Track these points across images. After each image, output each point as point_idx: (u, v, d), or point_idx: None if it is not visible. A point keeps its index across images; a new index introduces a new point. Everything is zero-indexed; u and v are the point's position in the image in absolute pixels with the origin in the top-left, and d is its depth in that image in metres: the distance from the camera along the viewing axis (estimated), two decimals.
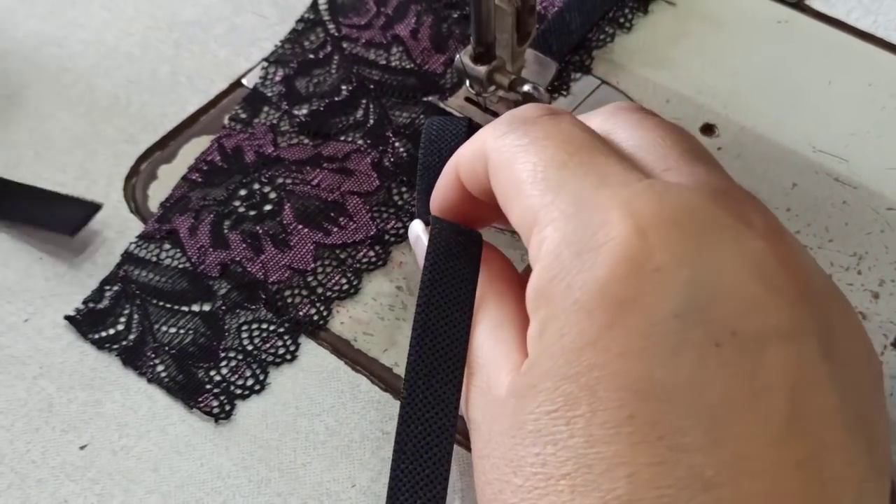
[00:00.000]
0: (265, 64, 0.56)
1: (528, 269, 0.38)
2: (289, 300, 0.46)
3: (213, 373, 0.44)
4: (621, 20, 0.58)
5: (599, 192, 0.31)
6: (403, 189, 0.50)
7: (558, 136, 0.34)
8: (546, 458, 0.29)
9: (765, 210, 0.32)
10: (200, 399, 0.43)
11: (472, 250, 0.38)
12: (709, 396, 0.28)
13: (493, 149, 0.35)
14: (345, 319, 0.46)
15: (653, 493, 0.27)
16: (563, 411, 0.29)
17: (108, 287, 0.46)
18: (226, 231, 0.48)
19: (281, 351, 0.45)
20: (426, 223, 0.41)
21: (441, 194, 0.40)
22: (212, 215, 0.49)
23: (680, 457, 0.27)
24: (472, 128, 0.49)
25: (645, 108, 0.38)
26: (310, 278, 0.47)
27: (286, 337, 0.45)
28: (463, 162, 0.38)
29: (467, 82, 0.51)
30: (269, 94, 0.54)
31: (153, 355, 0.44)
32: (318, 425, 0.43)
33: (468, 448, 0.41)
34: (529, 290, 0.32)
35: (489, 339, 0.35)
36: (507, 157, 0.34)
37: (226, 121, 0.53)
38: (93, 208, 0.49)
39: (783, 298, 0.29)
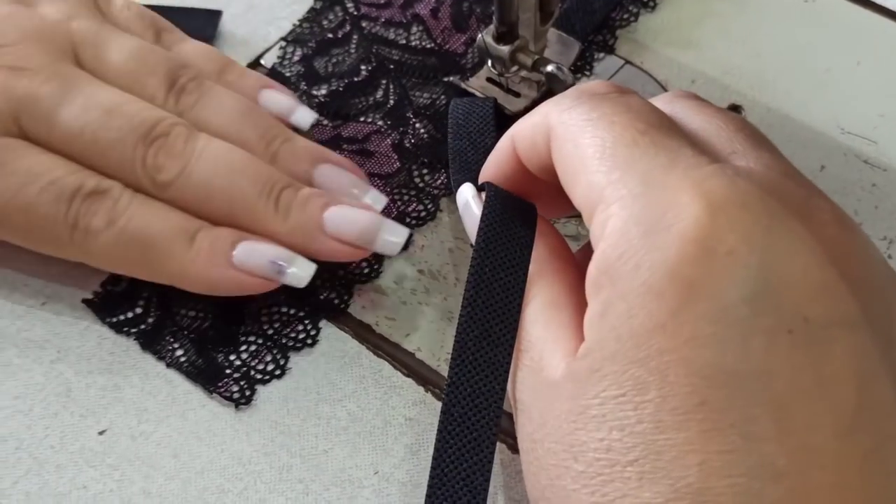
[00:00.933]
0: (283, 44, 0.55)
1: (583, 251, 0.37)
2: (309, 284, 0.45)
3: (233, 357, 0.43)
4: None
5: (669, 173, 0.31)
6: (424, 171, 0.49)
7: (628, 112, 0.33)
8: (611, 443, 0.29)
9: (829, 198, 0.32)
10: (220, 384, 0.43)
11: (529, 217, 0.38)
12: (778, 384, 0.28)
13: (558, 122, 0.34)
14: (366, 303, 0.45)
15: (724, 482, 0.27)
16: (630, 396, 0.29)
17: None
18: None
19: (301, 335, 0.44)
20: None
21: (494, 167, 0.39)
22: None
23: (751, 445, 0.27)
24: (497, 108, 0.49)
25: (699, 96, 0.38)
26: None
27: (307, 321, 0.44)
28: (522, 134, 0.37)
29: (489, 62, 0.50)
30: (288, 74, 0.54)
31: (172, 339, 0.44)
32: (340, 411, 0.42)
33: (504, 442, 0.41)
34: (592, 268, 0.31)
35: (541, 317, 0.35)
36: (573, 130, 0.34)
37: None
38: (217, 15, 0.54)
39: (851, 287, 0.29)
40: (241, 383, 0.43)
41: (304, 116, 0.48)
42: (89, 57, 0.45)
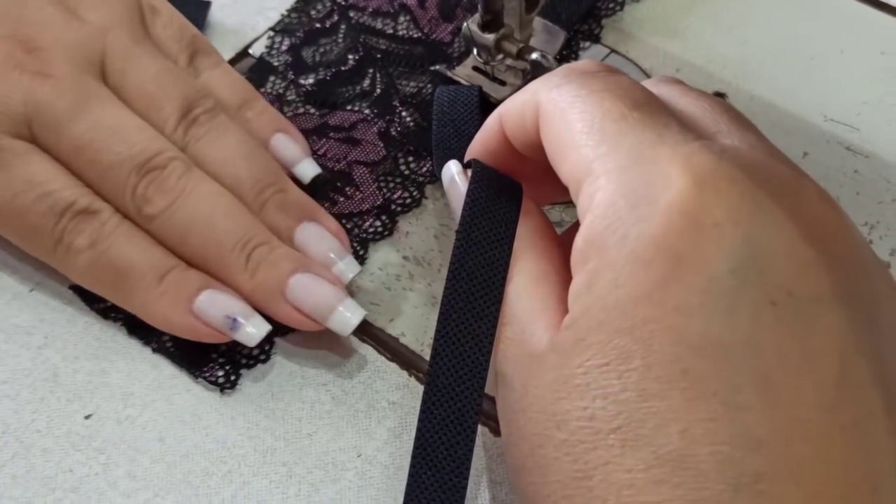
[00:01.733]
0: (272, 33, 0.56)
1: (567, 233, 0.37)
2: None
3: None
4: None
5: (657, 148, 0.31)
6: (410, 159, 0.50)
7: (617, 90, 0.34)
8: (595, 411, 0.29)
9: (813, 180, 0.33)
10: (206, 369, 0.43)
11: (514, 194, 0.38)
12: (763, 356, 0.28)
13: (546, 99, 0.35)
14: (351, 290, 0.46)
15: (706, 450, 0.27)
16: (615, 365, 0.29)
17: None
18: None
19: None
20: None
21: (481, 145, 0.39)
22: None
23: (733, 414, 0.27)
24: (483, 96, 0.49)
25: (683, 82, 0.38)
26: None
27: None
28: (510, 112, 0.37)
29: (475, 51, 0.50)
30: (276, 64, 0.54)
31: None
32: (324, 395, 0.43)
33: (486, 425, 0.42)
34: (579, 240, 0.31)
35: (525, 291, 0.35)
36: (562, 106, 0.34)
37: None
38: (206, 5, 0.55)
39: (837, 264, 0.29)
40: (227, 368, 0.43)
41: (307, 170, 0.48)
42: (114, 72, 0.45)
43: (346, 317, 0.42)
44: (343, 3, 0.56)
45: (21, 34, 0.44)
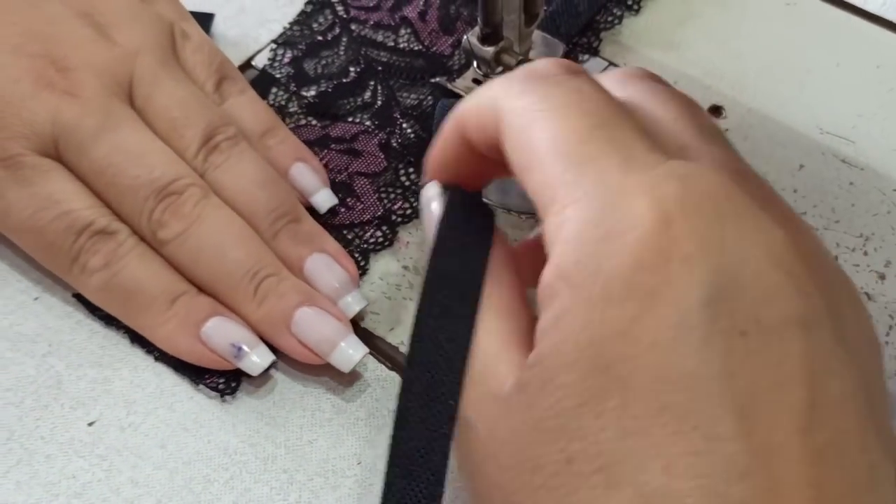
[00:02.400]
0: (274, 45, 0.56)
1: (525, 246, 0.37)
2: None
3: None
4: (629, 2, 0.58)
5: (625, 176, 0.30)
6: (411, 170, 0.50)
7: (580, 103, 0.33)
8: (573, 454, 0.28)
9: (780, 197, 0.33)
10: (207, 376, 0.43)
11: (487, 223, 0.38)
12: (738, 385, 0.28)
13: (508, 109, 0.34)
14: None
15: (690, 484, 0.27)
16: (592, 405, 0.28)
17: None
18: None
19: None
20: None
21: (441, 152, 0.38)
22: None
23: (714, 446, 0.27)
24: None
25: (654, 75, 0.38)
26: None
27: None
28: (469, 114, 0.36)
29: (475, 63, 0.51)
30: (278, 76, 0.55)
31: None
32: (325, 403, 0.43)
33: None
34: (547, 274, 0.31)
35: (488, 326, 0.34)
36: (525, 121, 0.33)
37: None
38: (209, 18, 0.56)
39: (800, 286, 0.29)
40: (227, 374, 0.43)
41: (324, 200, 0.48)
42: (141, 95, 0.46)
43: (348, 354, 0.43)
44: (345, 16, 0.57)
45: (53, 53, 0.45)
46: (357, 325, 0.45)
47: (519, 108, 0.33)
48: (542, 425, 0.29)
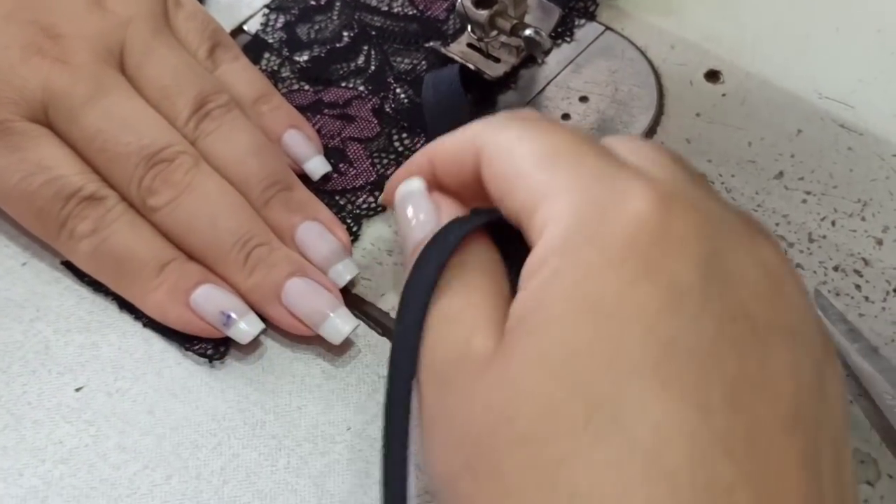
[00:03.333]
0: (266, 10, 0.56)
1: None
2: None
3: None
4: None
5: (619, 171, 0.31)
6: (404, 135, 0.50)
7: (557, 130, 0.34)
8: (559, 403, 0.28)
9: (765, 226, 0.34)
10: (195, 341, 0.43)
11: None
12: (727, 365, 0.28)
13: (492, 140, 0.35)
14: None
15: (678, 449, 0.27)
16: (584, 357, 0.28)
17: None
18: None
19: None
20: None
21: (404, 178, 0.38)
22: None
23: (702, 416, 0.27)
24: (467, 72, 0.49)
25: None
26: None
27: None
28: (444, 152, 0.37)
29: (469, 27, 0.50)
30: (270, 41, 0.54)
31: None
32: (315, 368, 0.43)
33: None
34: (539, 249, 0.31)
35: (469, 293, 0.34)
36: (510, 145, 0.34)
37: None
38: None
39: (788, 304, 0.30)
40: (216, 341, 0.43)
41: (317, 167, 0.48)
42: (132, 64, 0.46)
43: (338, 326, 0.42)
44: None
45: (44, 21, 0.45)
46: (348, 291, 0.45)
47: (500, 139, 0.34)
48: (527, 376, 0.29)
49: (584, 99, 0.51)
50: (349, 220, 0.47)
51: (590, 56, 0.53)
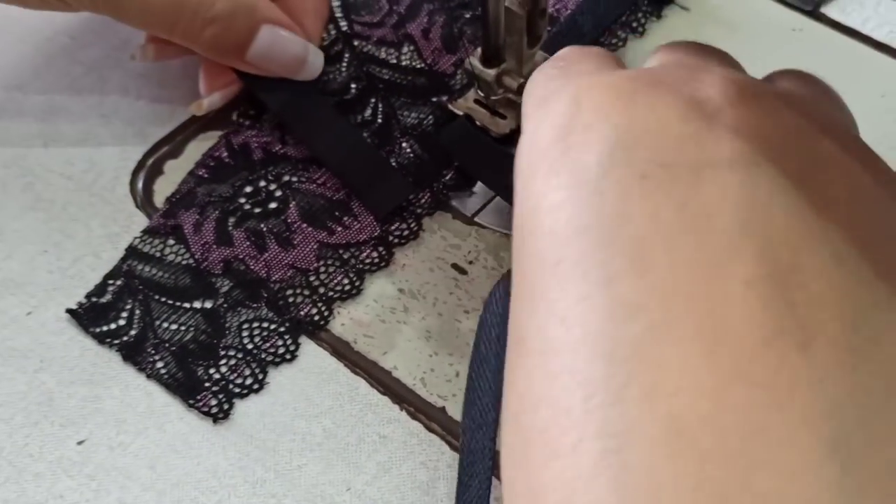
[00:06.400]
0: None
1: None
2: (290, 299, 0.46)
3: (212, 371, 0.44)
4: (634, 24, 0.57)
5: (565, 83, 0.32)
6: None
7: (560, 56, 0.36)
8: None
9: (721, 69, 0.32)
10: (199, 397, 0.43)
11: None
12: (633, 227, 0.27)
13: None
14: (345, 321, 0.46)
15: (580, 331, 0.26)
16: (515, 270, 0.31)
17: (111, 281, 0.47)
18: (230, 228, 0.48)
19: (281, 350, 0.45)
20: None
21: None
22: (217, 212, 0.49)
23: (603, 289, 0.27)
24: (473, 126, 0.50)
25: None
26: (312, 278, 0.47)
27: (286, 336, 0.45)
28: None
29: (476, 84, 0.50)
30: None
31: (153, 351, 0.44)
32: (315, 427, 0.43)
33: None
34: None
35: None
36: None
37: (234, 117, 0.53)
38: (405, 193, 0.50)
39: (730, 132, 0.28)
40: (220, 397, 0.43)
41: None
42: None
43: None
44: (348, 31, 0.57)
45: None
46: (350, 349, 0.45)
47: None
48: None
49: None
50: (352, 275, 0.47)
51: None
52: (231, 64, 0.51)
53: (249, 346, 0.45)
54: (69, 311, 0.46)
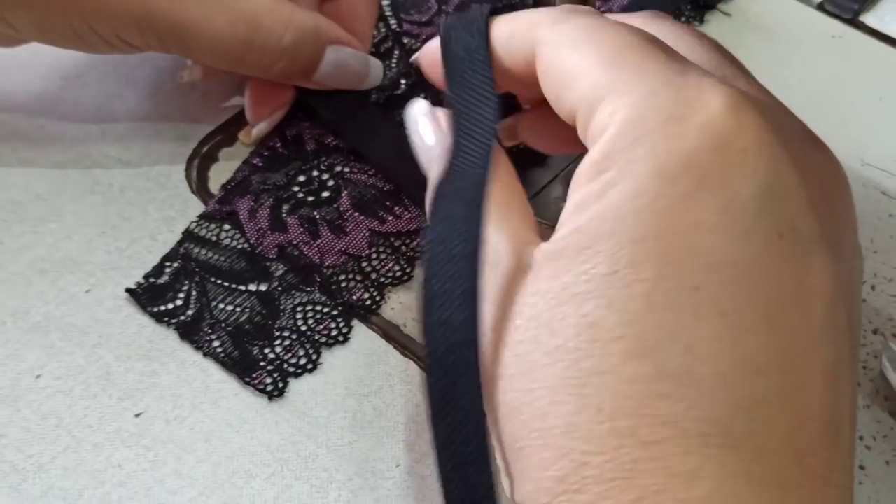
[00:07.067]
0: None
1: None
2: (343, 284, 0.47)
3: (267, 351, 0.45)
4: None
5: (685, 76, 0.31)
6: None
7: (617, 28, 0.34)
8: (597, 319, 0.29)
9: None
10: (255, 375, 0.44)
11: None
12: (770, 282, 0.28)
13: (550, 33, 0.34)
14: (396, 305, 0.47)
15: (708, 369, 0.28)
16: (624, 274, 0.29)
17: (168, 263, 0.48)
18: (284, 215, 0.49)
19: (334, 332, 0.46)
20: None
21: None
22: (271, 199, 0.50)
23: (738, 336, 0.28)
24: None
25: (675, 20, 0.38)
26: (364, 264, 0.48)
27: (339, 319, 0.46)
28: (495, 39, 0.37)
29: None
30: None
31: (210, 331, 0.46)
32: (366, 405, 0.44)
33: None
34: (595, 153, 0.31)
35: (495, 214, 0.34)
36: (572, 37, 0.34)
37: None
38: None
39: (832, 213, 0.31)
40: (275, 376, 0.44)
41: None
42: None
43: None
44: (398, 29, 0.58)
45: None
46: (400, 332, 0.46)
47: (566, 29, 0.34)
48: (569, 290, 0.30)
49: None
50: (403, 262, 0.48)
51: None
52: (297, 84, 0.51)
53: (303, 328, 0.46)
54: (128, 290, 0.47)
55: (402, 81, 0.56)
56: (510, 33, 0.37)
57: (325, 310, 0.47)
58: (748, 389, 0.28)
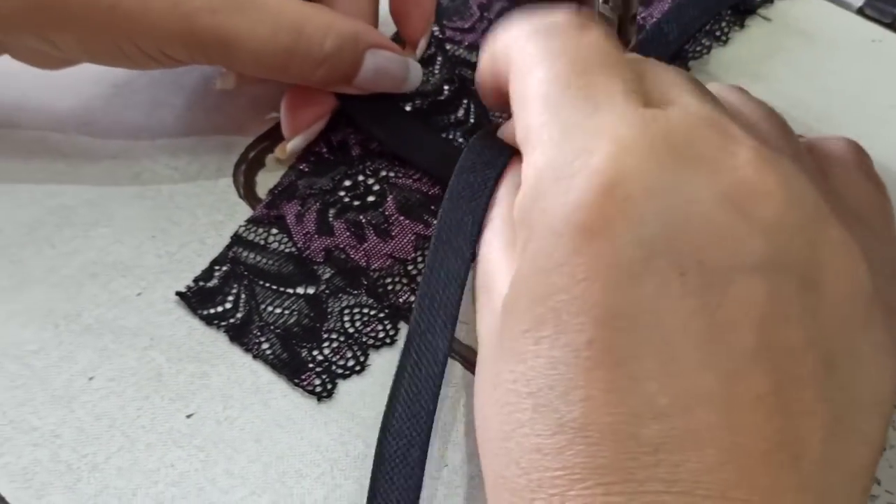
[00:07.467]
0: None
1: None
2: (389, 287, 0.48)
3: (315, 353, 0.46)
4: (717, 33, 0.59)
5: (590, 119, 0.32)
6: None
7: (573, 52, 0.34)
8: (517, 375, 0.30)
9: (752, 138, 0.32)
10: (304, 377, 0.45)
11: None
12: (667, 326, 0.28)
13: (517, 49, 0.36)
14: None
15: (605, 419, 0.28)
16: (532, 332, 0.30)
17: (217, 267, 0.49)
18: (331, 219, 0.50)
19: (381, 335, 0.46)
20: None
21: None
22: (318, 203, 0.51)
23: (634, 385, 0.28)
24: None
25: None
26: (410, 267, 0.49)
27: (386, 322, 0.47)
28: (487, 62, 0.40)
29: None
30: None
31: (259, 333, 0.46)
32: None
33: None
34: (515, 210, 0.33)
35: (496, 250, 0.37)
36: (526, 64, 0.35)
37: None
38: None
39: (759, 229, 0.30)
40: (323, 377, 0.45)
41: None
42: None
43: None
44: (440, 36, 0.59)
45: None
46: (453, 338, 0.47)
47: (524, 53, 0.35)
48: (504, 345, 0.32)
49: None
50: None
51: None
52: (338, 90, 0.51)
53: (351, 330, 0.47)
54: (179, 293, 0.47)
55: (445, 87, 0.56)
56: (493, 55, 0.39)
57: (372, 312, 0.47)
58: (648, 435, 0.28)
